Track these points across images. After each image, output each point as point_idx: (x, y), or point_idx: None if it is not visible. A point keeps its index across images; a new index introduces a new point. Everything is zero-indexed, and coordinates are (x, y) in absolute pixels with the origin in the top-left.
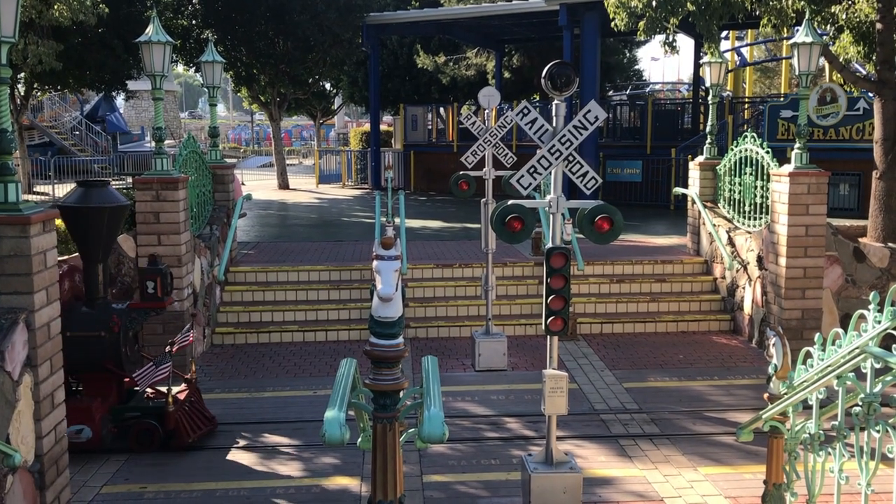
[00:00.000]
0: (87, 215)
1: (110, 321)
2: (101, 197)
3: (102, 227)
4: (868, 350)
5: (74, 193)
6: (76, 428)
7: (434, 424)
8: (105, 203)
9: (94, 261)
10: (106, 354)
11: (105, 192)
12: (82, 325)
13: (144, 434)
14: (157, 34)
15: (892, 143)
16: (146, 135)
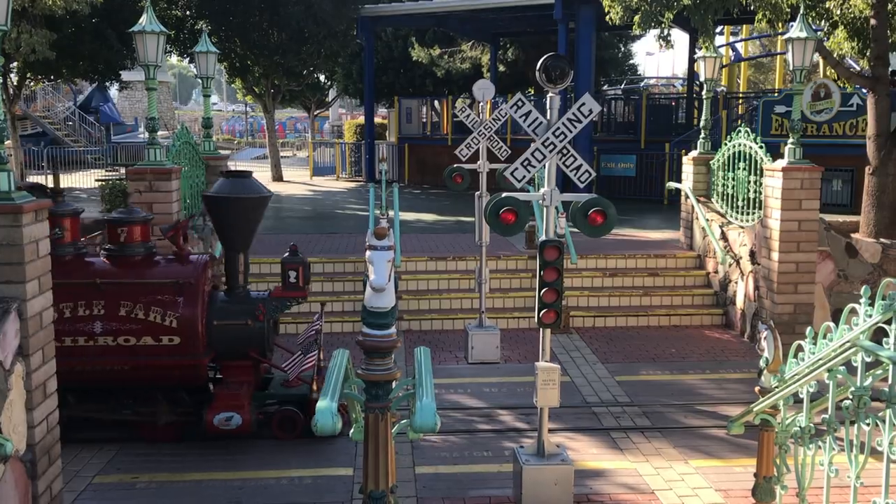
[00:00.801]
0: (232, 205)
1: (256, 310)
2: (244, 187)
3: (246, 217)
4: (859, 344)
5: (218, 183)
6: (226, 415)
7: (426, 415)
8: (249, 193)
9: (235, 250)
10: (251, 342)
11: (249, 182)
12: (228, 314)
13: (287, 421)
14: (150, 24)
15: (884, 138)
16: (140, 125)
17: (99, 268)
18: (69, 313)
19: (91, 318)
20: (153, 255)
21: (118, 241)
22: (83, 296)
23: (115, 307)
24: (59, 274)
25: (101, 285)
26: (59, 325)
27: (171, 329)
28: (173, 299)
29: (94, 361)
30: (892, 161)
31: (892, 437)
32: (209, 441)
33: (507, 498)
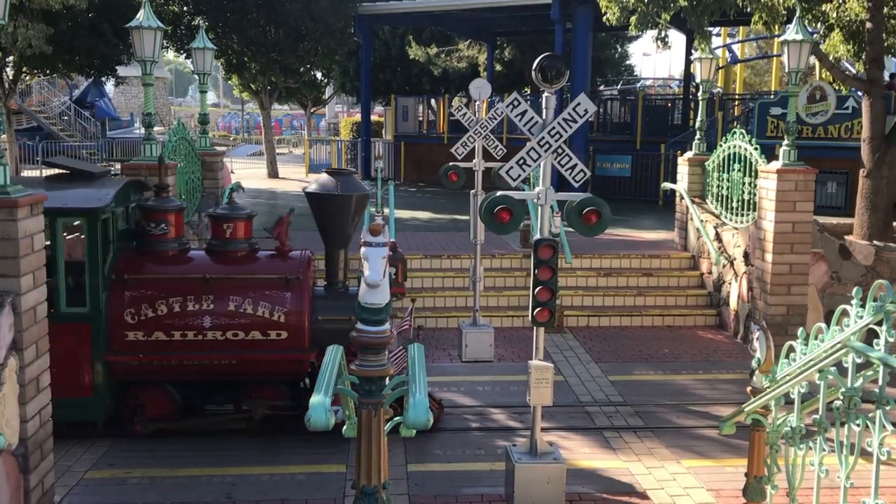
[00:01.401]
0: (334, 202)
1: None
2: (347, 185)
3: (347, 215)
4: (850, 345)
5: (319, 180)
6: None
7: (419, 410)
8: (351, 191)
9: (336, 246)
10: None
11: (351, 180)
12: (331, 309)
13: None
14: (147, 19)
15: (879, 141)
16: (135, 121)
17: (207, 263)
18: (178, 308)
19: (200, 312)
20: (255, 251)
21: (223, 236)
22: (192, 290)
23: (224, 302)
24: (167, 268)
25: (209, 280)
26: (169, 319)
27: (279, 324)
28: (281, 294)
29: (202, 356)
30: (887, 164)
31: (882, 438)
32: (203, 437)
33: (499, 496)
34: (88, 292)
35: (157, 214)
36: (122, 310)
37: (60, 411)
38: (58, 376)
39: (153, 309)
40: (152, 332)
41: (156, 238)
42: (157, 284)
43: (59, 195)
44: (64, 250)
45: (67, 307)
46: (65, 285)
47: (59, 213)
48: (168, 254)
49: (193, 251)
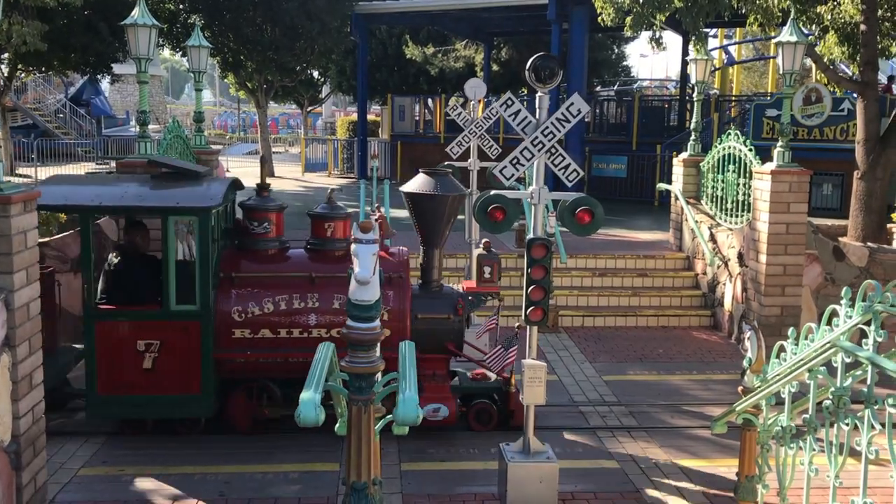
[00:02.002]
0: (432, 202)
1: (456, 304)
2: (445, 185)
3: (444, 214)
4: (839, 344)
5: (417, 180)
6: (434, 406)
7: (409, 407)
8: (449, 191)
9: (433, 245)
10: (450, 336)
11: (448, 180)
12: (431, 307)
13: (483, 414)
14: (143, 17)
15: (873, 143)
16: (131, 119)
17: (311, 262)
18: (285, 306)
19: (306, 310)
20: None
21: (324, 235)
22: (298, 289)
23: (328, 300)
24: (273, 267)
25: (315, 279)
26: (276, 316)
27: (382, 322)
28: (384, 293)
29: (307, 353)
30: (881, 166)
31: (871, 437)
32: (196, 435)
33: (492, 495)
34: (198, 290)
35: (260, 213)
36: (230, 307)
37: (169, 408)
38: (167, 373)
39: (260, 307)
40: (259, 330)
41: (258, 237)
42: (263, 282)
43: (170, 194)
44: (176, 248)
45: (177, 305)
46: (174, 283)
47: (172, 212)
48: (270, 252)
49: (293, 250)
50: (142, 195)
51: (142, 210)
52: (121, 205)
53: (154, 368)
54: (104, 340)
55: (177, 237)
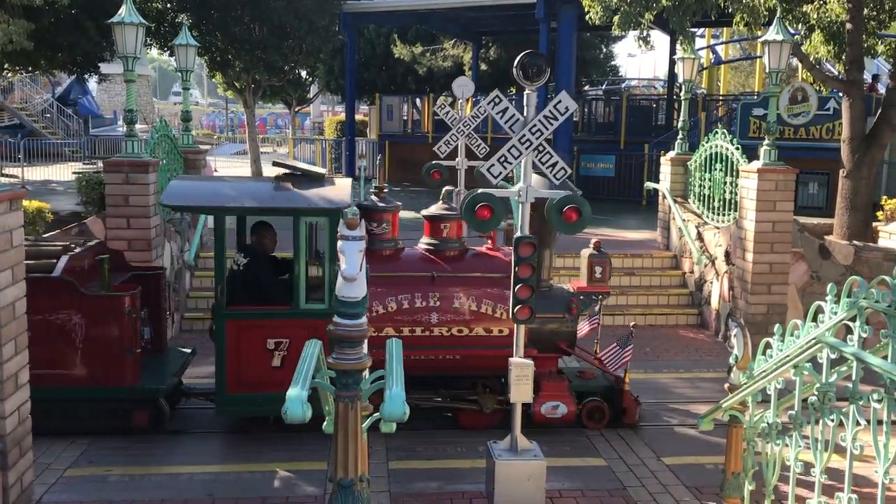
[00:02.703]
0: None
1: (570, 304)
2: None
3: None
4: (824, 340)
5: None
6: (553, 404)
7: (395, 403)
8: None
9: (544, 245)
10: (563, 335)
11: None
12: (546, 306)
13: (597, 412)
14: (130, 15)
15: (859, 142)
16: (118, 119)
17: (431, 261)
18: (407, 305)
19: (427, 309)
20: (467, 250)
21: (440, 235)
22: (419, 288)
23: (449, 299)
24: (394, 266)
25: (436, 278)
26: (399, 315)
27: (501, 320)
28: (502, 292)
29: (427, 351)
30: (866, 164)
31: (855, 433)
32: (184, 435)
33: (480, 493)
34: (327, 289)
35: (379, 214)
36: None
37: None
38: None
39: (383, 306)
40: (382, 329)
41: (377, 237)
42: (385, 282)
43: (300, 195)
44: (306, 247)
45: (306, 304)
46: (305, 282)
47: (304, 213)
48: (387, 252)
49: (409, 250)
50: (273, 196)
51: (275, 211)
52: (256, 206)
53: (282, 366)
54: (234, 339)
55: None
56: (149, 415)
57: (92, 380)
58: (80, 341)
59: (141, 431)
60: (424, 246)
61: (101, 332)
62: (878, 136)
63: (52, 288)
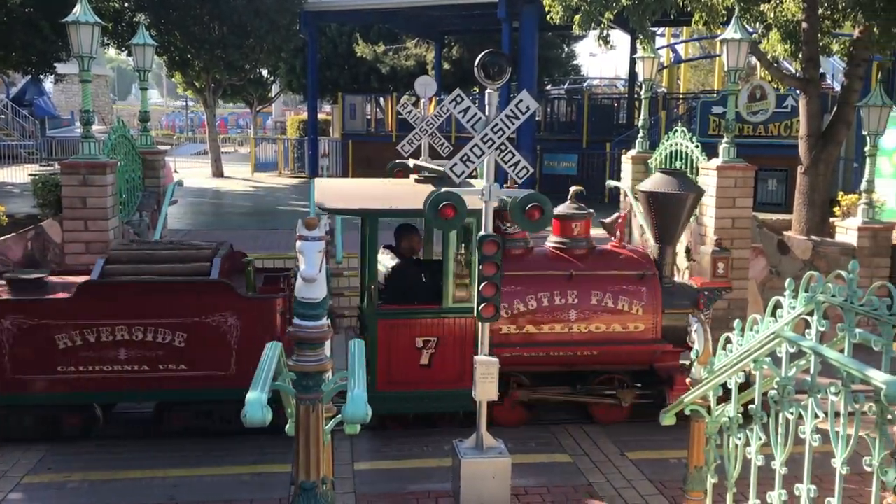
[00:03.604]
0: (673, 200)
1: (697, 299)
2: (686, 184)
3: (683, 212)
4: (783, 335)
5: (655, 179)
6: None
7: (357, 405)
8: (690, 190)
9: (668, 242)
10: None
11: (687, 179)
12: (675, 303)
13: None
14: (84, 14)
15: (815, 139)
16: (76, 120)
17: (567, 260)
18: (547, 303)
19: (566, 307)
20: (594, 248)
21: (570, 234)
22: (558, 286)
23: (587, 297)
24: (532, 265)
25: (573, 276)
26: (539, 313)
27: (637, 317)
28: (637, 289)
29: (566, 348)
30: (823, 161)
31: (815, 426)
32: (146, 439)
33: (446, 492)
34: (475, 288)
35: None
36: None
37: (442, 402)
38: (442, 369)
39: (524, 304)
40: (523, 326)
41: (508, 236)
42: (525, 281)
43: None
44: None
45: (453, 303)
46: (453, 282)
47: None
48: (518, 251)
49: (539, 249)
50: (416, 199)
51: (421, 213)
52: (407, 208)
53: (430, 364)
54: (385, 338)
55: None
56: None
57: (245, 381)
58: (234, 342)
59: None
60: (553, 244)
61: (255, 333)
62: (835, 133)
63: (209, 290)
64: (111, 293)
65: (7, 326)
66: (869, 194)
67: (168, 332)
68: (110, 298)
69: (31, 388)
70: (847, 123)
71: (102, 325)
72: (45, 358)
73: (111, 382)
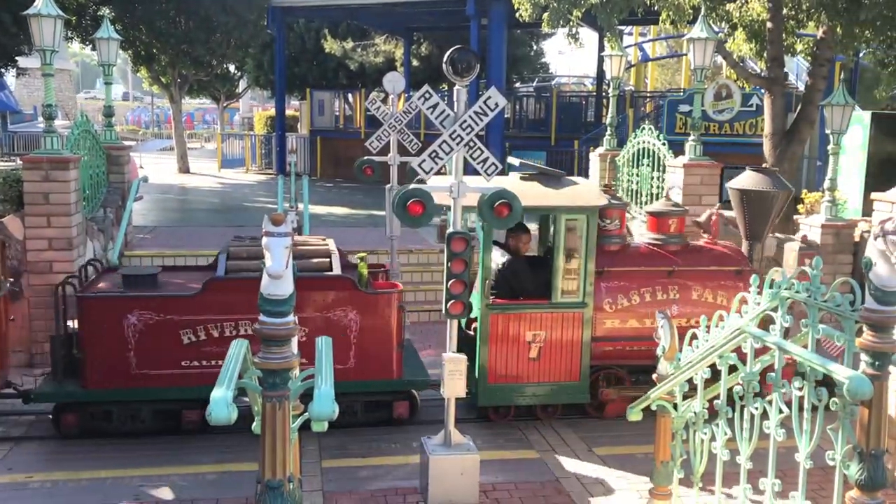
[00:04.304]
0: (766, 198)
1: None
2: (779, 182)
3: (773, 210)
4: (747, 331)
5: (748, 177)
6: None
7: (324, 402)
8: (783, 188)
9: (758, 239)
10: None
11: (778, 177)
12: None
13: None
14: (46, 7)
15: (780, 137)
16: (39, 114)
17: (663, 256)
18: (649, 298)
19: (668, 302)
20: (688, 244)
21: (666, 231)
22: (659, 282)
23: (687, 292)
24: (635, 261)
25: (673, 272)
26: (642, 308)
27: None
28: (735, 284)
29: None
30: (787, 159)
31: (779, 420)
32: (109, 438)
33: (414, 489)
34: (582, 283)
35: (610, 211)
36: (602, 300)
37: (551, 395)
38: (551, 362)
39: (628, 298)
40: (627, 320)
41: (607, 233)
42: (628, 276)
43: (558, 194)
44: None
45: (561, 298)
46: (561, 278)
47: (566, 211)
48: (615, 248)
49: (635, 245)
50: (536, 195)
51: (539, 209)
52: (535, 205)
53: (539, 357)
54: (496, 332)
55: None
56: (409, 406)
57: (363, 374)
58: (354, 337)
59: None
60: (648, 241)
61: (373, 327)
62: (798, 131)
63: (334, 285)
64: (237, 289)
65: (133, 322)
66: (832, 192)
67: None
68: (235, 294)
69: (155, 383)
70: (811, 122)
71: (227, 320)
72: (169, 353)
73: None
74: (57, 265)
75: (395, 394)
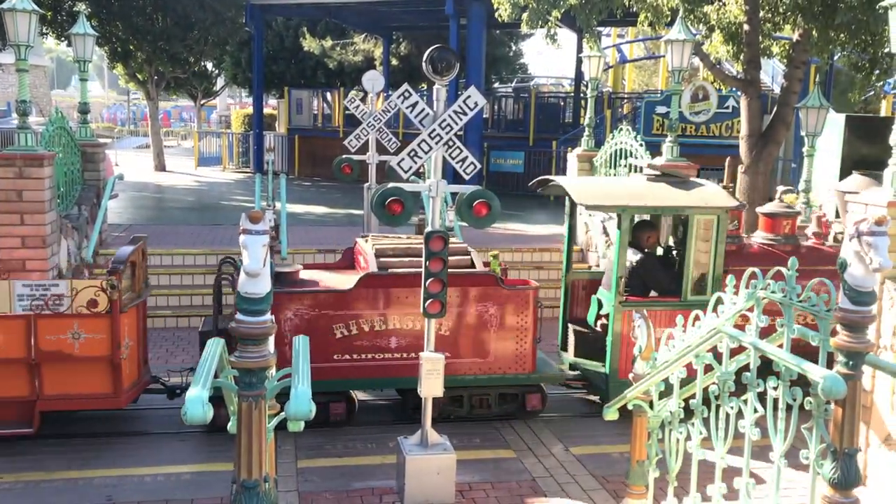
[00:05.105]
0: None
1: None
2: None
3: None
4: (723, 330)
5: (850, 179)
6: None
7: (301, 401)
8: None
9: None
10: None
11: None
12: None
13: None
14: (21, 2)
15: (756, 139)
16: (12, 111)
17: (776, 255)
18: None
19: None
20: (800, 245)
21: (780, 231)
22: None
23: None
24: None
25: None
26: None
27: None
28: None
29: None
30: (763, 160)
31: (754, 420)
32: (83, 438)
33: (390, 489)
34: (712, 282)
35: (732, 212)
36: None
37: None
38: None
39: None
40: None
41: (728, 233)
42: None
43: (688, 195)
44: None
45: (692, 296)
46: (691, 276)
47: (698, 211)
48: (732, 248)
49: (750, 245)
50: (668, 196)
51: (672, 210)
52: (659, 205)
53: None
54: (628, 329)
55: None
56: (540, 398)
57: (500, 367)
58: (493, 331)
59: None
60: (761, 241)
61: (511, 321)
62: (774, 133)
63: (478, 281)
64: (389, 284)
65: (290, 317)
66: (807, 194)
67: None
68: (386, 289)
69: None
70: (786, 124)
71: (377, 314)
72: (322, 347)
73: (380, 370)
74: (30, 263)
75: (527, 387)
